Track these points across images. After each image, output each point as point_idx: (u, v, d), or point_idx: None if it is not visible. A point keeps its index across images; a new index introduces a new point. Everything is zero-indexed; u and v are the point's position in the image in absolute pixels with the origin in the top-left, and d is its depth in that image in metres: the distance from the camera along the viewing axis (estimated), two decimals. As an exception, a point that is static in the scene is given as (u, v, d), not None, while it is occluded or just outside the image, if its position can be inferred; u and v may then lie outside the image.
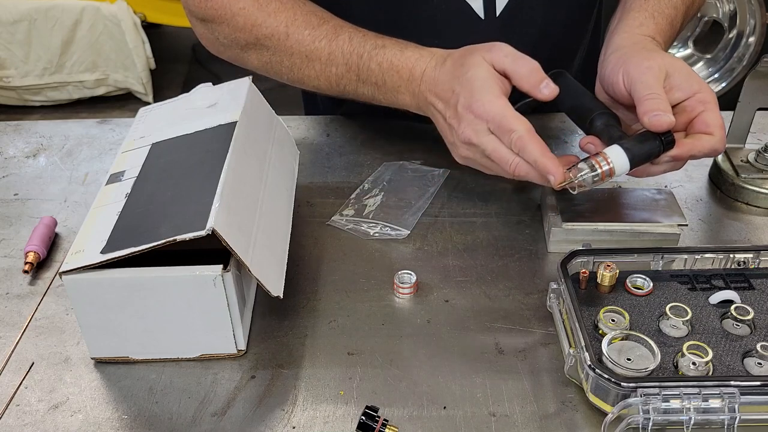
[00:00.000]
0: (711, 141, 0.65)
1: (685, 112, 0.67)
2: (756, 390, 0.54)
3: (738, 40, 2.41)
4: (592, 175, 0.64)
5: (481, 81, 0.67)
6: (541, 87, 0.67)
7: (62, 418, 0.58)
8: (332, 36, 0.76)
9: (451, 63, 0.70)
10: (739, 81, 2.36)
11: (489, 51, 0.68)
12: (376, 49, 0.74)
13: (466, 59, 0.69)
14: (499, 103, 0.66)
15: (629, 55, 0.69)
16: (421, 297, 0.70)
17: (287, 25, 0.78)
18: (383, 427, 0.55)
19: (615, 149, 0.64)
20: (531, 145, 0.64)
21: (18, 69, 2.71)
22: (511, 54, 0.68)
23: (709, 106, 0.66)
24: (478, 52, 0.69)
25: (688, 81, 0.67)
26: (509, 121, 0.65)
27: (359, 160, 0.92)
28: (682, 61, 0.69)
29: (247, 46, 0.81)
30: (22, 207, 0.84)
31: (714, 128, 0.65)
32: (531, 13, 0.87)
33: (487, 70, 0.67)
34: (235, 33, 0.80)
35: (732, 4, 2.37)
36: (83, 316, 0.60)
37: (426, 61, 0.72)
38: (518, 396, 0.59)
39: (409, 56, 0.73)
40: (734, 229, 0.80)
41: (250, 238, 0.61)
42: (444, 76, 0.70)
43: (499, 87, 0.67)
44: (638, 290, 0.65)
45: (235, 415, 0.58)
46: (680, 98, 0.67)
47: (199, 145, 0.69)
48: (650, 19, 0.75)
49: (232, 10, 0.79)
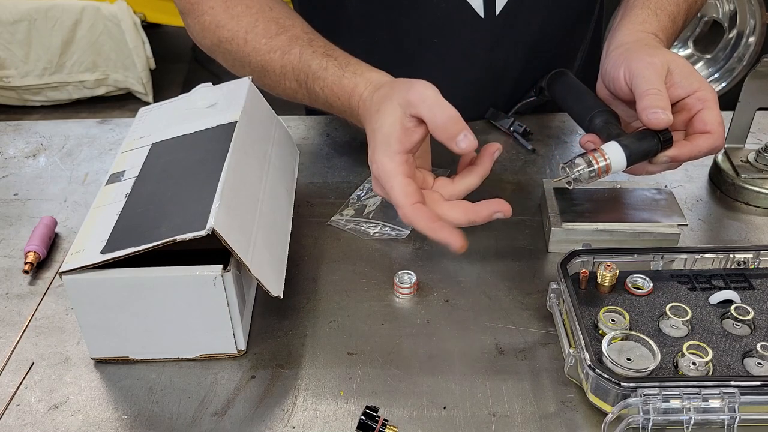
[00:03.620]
0: (709, 140, 0.65)
1: (684, 110, 0.66)
2: (756, 390, 0.54)
3: (738, 40, 2.41)
4: (589, 171, 0.64)
5: (383, 136, 0.62)
6: (458, 140, 0.60)
7: (62, 418, 0.58)
8: (286, 49, 0.74)
9: (377, 99, 0.65)
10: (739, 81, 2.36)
11: (407, 93, 0.61)
12: (319, 71, 0.71)
13: (382, 104, 0.63)
14: (390, 166, 0.61)
15: (631, 51, 0.69)
16: (421, 297, 0.70)
17: (247, 31, 0.77)
18: (383, 427, 0.55)
19: (612, 146, 0.64)
20: (415, 221, 0.60)
21: (18, 69, 2.71)
22: (430, 99, 0.60)
23: (708, 104, 0.65)
24: (395, 97, 0.62)
25: (689, 79, 0.66)
26: (394, 193, 0.61)
27: (359, 160, 0.92)
28: (683, 59, 0.68)
29: (212, 46, 0.81)
30: (22, 207, 0.84)
31: (712, 127, 0.64)
32: (531, 12, 0.87)
33: (392, 124, 0.61)
34: (203, 32, 0.80)
35: (732, 4, 2.37)
36: (83, 316, 0.60)
37: (360, 91, 0.68)
38: (518, 396, 0.59)
39: (346, 85, 0.69)
40: (734, 229, 0.80)
41: (250, 238, 0.61)
42: (366, 115, 0.66)
43: (399, 143, 0.61)
44: (638, 290, 0.65)
45: (235, 415, 0.58)
46: (680, 96, 0.66)
47: (199, 145, 0.69)
48: (653, 16, 0.75)
49: (203, 7, 0.79)
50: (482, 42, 0.88)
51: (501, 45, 0.89)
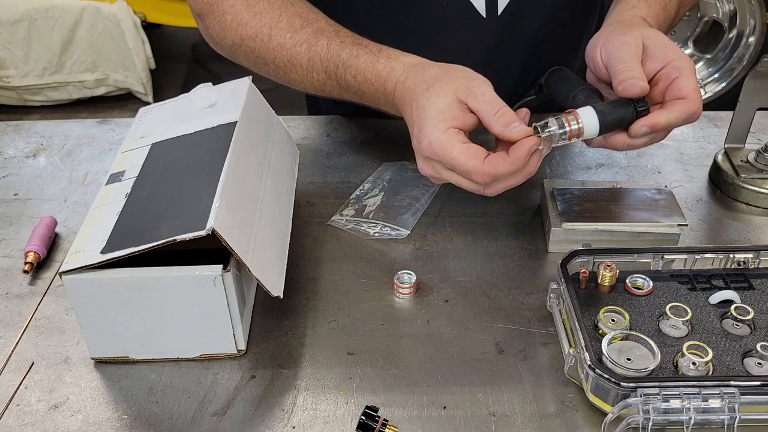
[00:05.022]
0: (686, 105, 0.64)
1: (661, 81, 0.66)
2: (756, 390, 0.54)
3: (738, 40, 2.41)
4: (560, 133, 0.63)
5: (437, 111, 0.63)
6: (511, 127, 0.63)
7: (62, 418, 0.58)
8: (312, 41, 0.74)
9: (426, 79, 0.66)
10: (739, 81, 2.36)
11: (469, 83, 0.64)
12: (350, 60, 0.72)
13: (435, 84, 0.65)
14: (444, 138, 0.62)
15: (609, 31, 0.70)
16: (421, 297, 0.70)
17: (271, 26, 0.76)
18: (383, 427, 0.55)
19: (586, 109, 0.64)
20: (496, 169, 0.62)
21: (18, 69, 2.71)
22: (488, 95, 0.64)
23: (683, 72, 0.65)
24: (451, 82, 0.64)
25: (663, 51, 0.66)
26: (458, 161, 0.62)
27: (359, 160, 0.92)
28: (659, 33, 0.68)
29: (233, 46, 0.80)
30: (22, 207, 0.84)
31: (687, 92, 0.64)
32: (532, 12, 0.87)
33: (447, 103, 0.63)
34: (224, 31, 0.79)
35: (732, 4, 2.37)
36: (83, 316, 0.60)
37: (397, 75, 0.69)
38: (518, 396, 0.59)
39: (381, 70, 0.70)
40: (734, 229, 0.80)
41: (250, 238, 0.61)
42: (410, 94, 0.67)
43: (454, 120, 0.63)
44: (638, 290, 0.65)
45: (235, 415, 0.58)
46: (657, 68, 0.66)
47: (199, 145, 0.69)
48: (643, 2, 0.76)
49: (223, 7, 0.78)
50: (483, 41, 0.88)
51: (502, 44, 0.89)
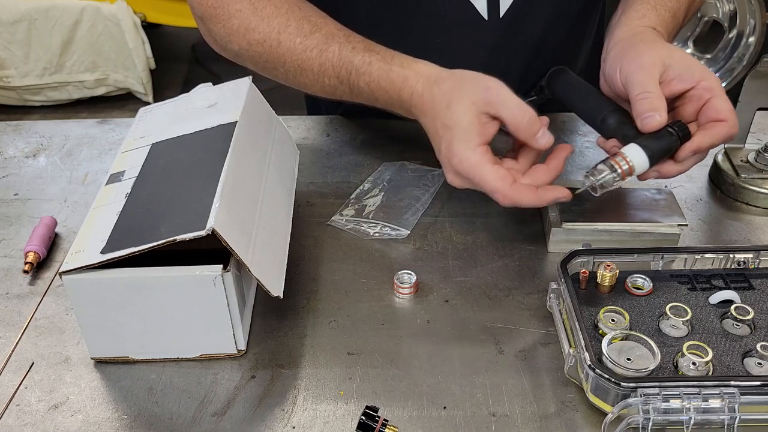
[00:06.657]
0: (725, 128, 0.65)
1: (692, 102, 0.66)
2: (756, 390, 0.54)
3: (738, 40, 2.41)
4: (613, 176, 0.64)
5: (463, 131, 0.65)
6: (537, 137, 0.65)
7: (62, 418, 0.58)
8: (323, 47, 0.74)
9: (444, 93, 0.67)
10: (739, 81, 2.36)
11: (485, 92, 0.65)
12: (363, 66, 0.72)
13: (453, 100, 0.66)
14: (474, 158, 0.64)
15: (626, 50, 0.69)
16: (421, 297, 0.70)
17: (279, 31, 0.76)
18: (383, 427, 0.55)
19: (633, 148, 0.64)
20: (520, 199, 0.64)
21: (18, 69, 2.71)
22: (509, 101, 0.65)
23: (716, 92, 0.65)
24: (468, 95, 0.65)
25: (689, 70, 0.66)
26: (486, 182, 0.64)
27: (359, 160, 0.92)
28: (681, 50, 0.68)
29: (240, 51, 0.79)
30: (22, 207, 0.84)
31: (726, 114, 0.65)
32: (534, 15, 0.87)
33: (471, 121, 0.65)
34: (230, 36, 0.79)
35: (732, 4, 2.36)
36: (83, 316, 0.60)
37: (412, 84, 0.69)
38: (518, 396, 0.59)
39: (395, 78, 0.70)
40: (734, 229, 0.80)
41: (250, 238, 0.61)
42: (430, 109, 0.68)
43: (480, 137, 0.65)
44: (638, 290, 0.65)
45: (235, 415, 0.58)
46: (683, 88, 0.66)
47: (199, 145, 0.69)
48: (652, 11, 0.75)
49: (229, 11, 0.77)
50: (485, 44, 0.88)
51: (504, 47, 0.89)
